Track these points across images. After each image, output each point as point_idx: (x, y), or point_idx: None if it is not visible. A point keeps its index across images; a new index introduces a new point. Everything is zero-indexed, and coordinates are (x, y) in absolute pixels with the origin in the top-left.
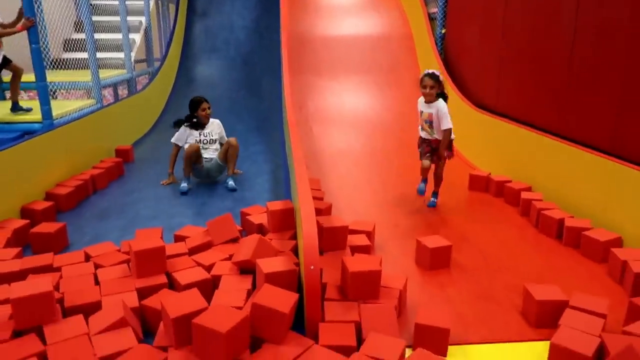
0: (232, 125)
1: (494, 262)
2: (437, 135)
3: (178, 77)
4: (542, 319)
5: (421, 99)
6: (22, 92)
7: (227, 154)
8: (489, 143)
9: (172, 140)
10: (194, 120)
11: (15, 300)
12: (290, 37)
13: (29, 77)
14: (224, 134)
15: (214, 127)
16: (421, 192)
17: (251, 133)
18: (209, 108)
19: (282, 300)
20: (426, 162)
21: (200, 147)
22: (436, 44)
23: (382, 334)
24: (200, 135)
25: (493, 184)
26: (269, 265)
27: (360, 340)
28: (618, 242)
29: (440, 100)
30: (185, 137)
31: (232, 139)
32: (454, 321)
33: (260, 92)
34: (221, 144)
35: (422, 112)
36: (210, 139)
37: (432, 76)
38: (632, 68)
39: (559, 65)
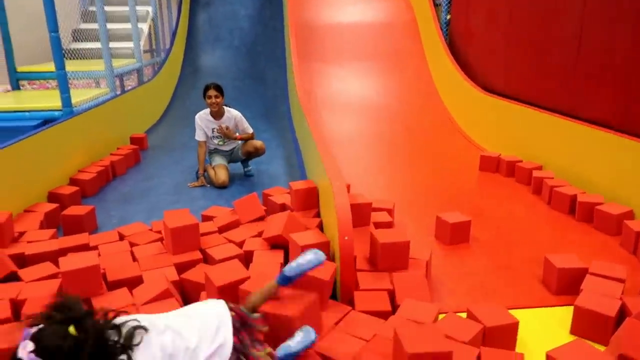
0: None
1: (510, 237)
2: None
3: (184, 67)
4: (563, 286)
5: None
6: (25, 82)
7: (249, 155)
8: (498, 125)
9: (195, 136)
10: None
11: (66, 273)
12: (296, 25)
13: (40, 67)
14: (245, 126)
15: (230, 121)
16: None
17: (259, 120)
18: (215, 96)
19: (323, 270)
20: None
21: (216, 145)
22: (441, 28)
23: (416, 300)
24: (213, 130)
25: (504, 165)
26: (303, 238)
27: (394, 307)
28: (630, 215)
29: None
30: (203, 131)
31: (259, 143)
32: (478, 289)
33: (265, 80)
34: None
35: None
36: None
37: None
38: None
39: (567, 44)
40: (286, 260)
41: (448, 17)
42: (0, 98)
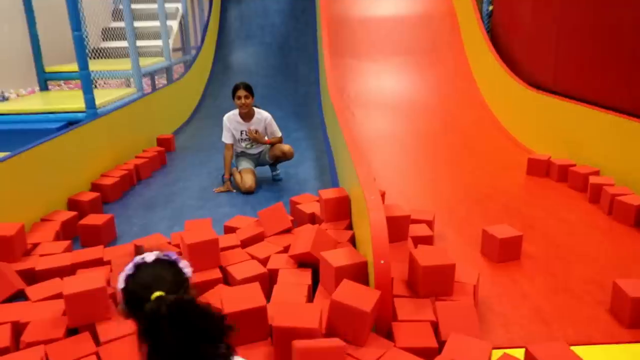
0: (270, 111)
1: (568, 253)
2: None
3: (214, 65)
4: (638, 318)
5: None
6: (61, 82)
7: (277, 159)
8: (546, 125)
9: (222, 138)
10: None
11: (68, 296)
12: (328, 19)
13: (68, 67)
14: (274, 129)
15: (260, 124)
16: None
17: (290, 119)
18: (245, 97)
19: (363, 298)
20: None
21: (243, 148)
22: (482, 20)
23: (464, 335)
24: (242, 133)
25: (555, 168)
26: (337, 258)
27: (438, 341)
28: None
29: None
30: (231, 133)
31: (287, 147)
32: (533, 317)
33: (297, 77)
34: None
35: None
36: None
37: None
38: None
39: (632, 30)
40: (314, 281)
41: (490, 7)
42: (27, 99)
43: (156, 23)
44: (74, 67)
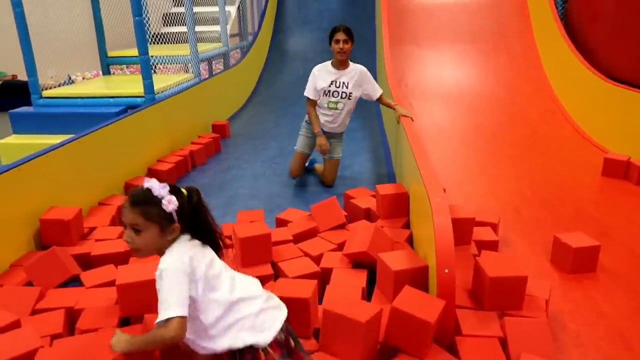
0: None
1: None
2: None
3: (270, 51)
4: None
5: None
6: (123, 66)
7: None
8: (626, 121)
9: (305, 92)
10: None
11: (121, 286)
12: (388, 4)
13: (129, 51)
14: (371, 86)
15: (353, 77)
16: None
17: None
18: (344, 41)
19: (427, 307)
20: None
21: (327, 102)
22: (556, 6)
23: (536, 356)
24: (331, 84)
25: (635, 170)
26: (396, 261)
27: None
28: None
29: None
30: (314, 86)
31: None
32: (612, 340)
33: None
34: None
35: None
36: (342, 92)
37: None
38: None
39: None
40: (370, 283)
41: None
42: (90, 83)
43: (215, 8)
44: (134, 52)
